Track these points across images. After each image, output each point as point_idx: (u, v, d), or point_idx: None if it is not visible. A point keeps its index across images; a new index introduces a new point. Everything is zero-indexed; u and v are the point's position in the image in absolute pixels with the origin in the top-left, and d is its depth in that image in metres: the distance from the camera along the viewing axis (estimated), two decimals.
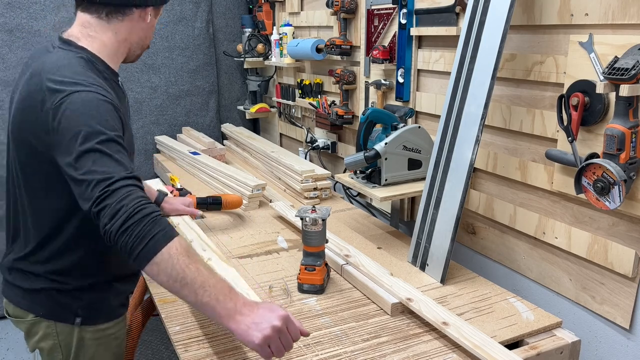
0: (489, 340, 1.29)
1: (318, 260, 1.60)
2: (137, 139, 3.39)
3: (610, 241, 1.46)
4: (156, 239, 1.09)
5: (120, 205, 1.08)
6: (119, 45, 1.38)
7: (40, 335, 1.40)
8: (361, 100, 2.48)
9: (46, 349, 1.41)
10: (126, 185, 1.11)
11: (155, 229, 1.10)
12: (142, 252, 1.08)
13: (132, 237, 1.08)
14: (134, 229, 1.08)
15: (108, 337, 1.45)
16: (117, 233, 1.08)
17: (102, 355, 1.45)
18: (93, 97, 1.20)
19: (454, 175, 1.63)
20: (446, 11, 1.87)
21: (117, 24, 1.35)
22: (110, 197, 1.09)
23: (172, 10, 3.35)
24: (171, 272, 1.09)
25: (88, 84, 1.21)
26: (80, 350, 1.41)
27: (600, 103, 1.39)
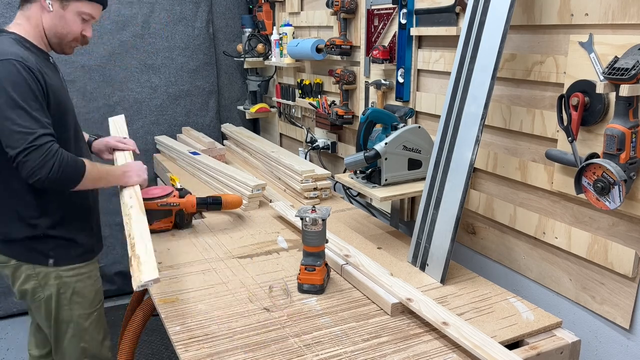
0: (489, 340, 1.29)
1: (318, 260, 1.60)
2: (137, 139, 3.37)
3: (610, 241, 1.46)
4: (78, 166, 1.61)
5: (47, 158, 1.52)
6: (34, 30, 1.69)
7: (23, 278, 1.72)
8: (361, 100, 2.48)
9: (29, 290, 1.74)
10: (45, 142, 1.52)
11: (73, 162, 1.59)
12: (73, 179, 1.61)
13: (63, 175, 1.56)
14: (63, 170, 1.56)
15: (82, 275, 1.80)
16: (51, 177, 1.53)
17: (81, 290, 1.79)
18: (10, 64, 1.53)
19: (454, 175, 1.63)
20: (446, 11, 1.87)
21: (27, 11, 1.68)
22: (34, 151, 1.50)
23: (172, 10, 3.35)
24: (92, 178, 1.67)
25: (9, 54, 1.55)
26: (61, 287, 1.75)
27: (600, 103, 1.39)
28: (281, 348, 1.33)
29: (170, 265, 1.79)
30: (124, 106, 3.32)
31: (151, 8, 3.28)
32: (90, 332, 1.84)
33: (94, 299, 1.84)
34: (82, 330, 1.82)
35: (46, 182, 1.53)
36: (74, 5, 1.67)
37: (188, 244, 1.97)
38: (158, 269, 1.75)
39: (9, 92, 1.50)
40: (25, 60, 1.55)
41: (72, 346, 1.82)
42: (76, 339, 1.81)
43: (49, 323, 1.79)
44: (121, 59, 3.26)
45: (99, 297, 1.87)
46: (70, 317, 1.79)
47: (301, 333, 1.40)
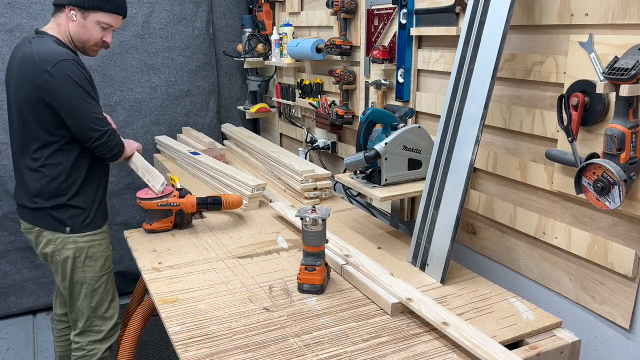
0: (489, 340, 1.29)
1: (318, 260, 1.60)
2: (137, 139, 3.38)
3: (610, 241, 1.46)
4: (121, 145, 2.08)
5: (113, 144, 2.01)
6: (63, 35, 1.97)
7: (44, 243, 2.04)
8: (361, 100, 2.48)
9: (49, 253, 2.05)
10: (109, 129, 1.98)
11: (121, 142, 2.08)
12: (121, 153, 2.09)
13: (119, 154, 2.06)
14: (120, 151, 2.07)
15: (95, 241, 2.09)
16: (113, 156, 2.04)
17: (94, 254, 2.08)
18: (72, 63, 1.87)
19: (454, 175, 1.63)
20: (446, 11, 1.87)
21: (57, 19, 1.97)
22: (104, 139, 1.97)
23: (172, 10, 3.35)
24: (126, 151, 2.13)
25: (66, 54, 1.88)
26: (76, 251, 2.04)
27: (600, 103, 1.39)
28: (281, 348, 1.33)
29: (170, 265, 1.79)
30: (124, 106, 3.33)
31: (151, 8, 3.28)
32: (100, 292, 2.11)
33: (105, 263, 2.12)
34: (93, 290, 2.10)
35: (112, 157, 2.03)
36: (93, 16, 1.95)
37: (188, 244, 1.97)
38: (158, 268, 1.77)
39: (81, 86, 1.88)
40: (78, 60, 1.91)
41: (84, 304, 2.10)
42: (87, 298, 2.09)
43: (64, 283, 2.07)
44: (121, 59, 3.26)
45: (109, 263, 2.15)
46: (83, 278, 2.07)
47: (301, 333, 1.40)
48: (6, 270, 3.14)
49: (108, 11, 1.97)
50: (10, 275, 3.15)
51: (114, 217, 3.38)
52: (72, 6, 1.92)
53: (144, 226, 2.07)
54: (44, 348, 2.99)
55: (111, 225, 3.34)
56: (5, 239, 3.11)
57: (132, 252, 1.93)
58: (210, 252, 1.90)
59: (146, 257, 1.86)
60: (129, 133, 3.37)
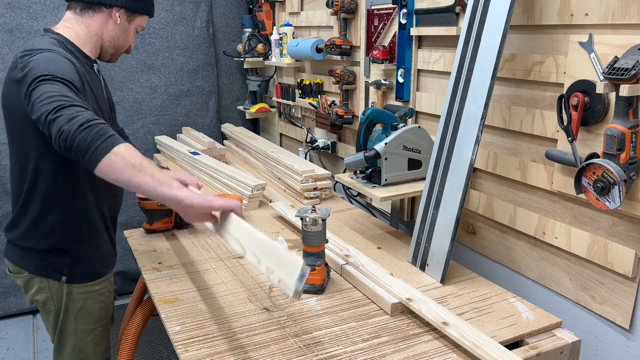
0: (489, 340, 1.29)
1: (318, 260, 1.60)
2: (137, 139, 3.39)
3: (610, 241, 1.46)
4: (114, 137, 1.28)
5: (78, 113, 1.27)
6: (90, 37, 1.62)
7: (35, 289, 1.67)
8: (361, 100, 2.48)
9: (41, 301, 1.69)
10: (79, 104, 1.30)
11: (111, 131, 1.28)
12: (102, 145, 1.25)
13: (90, 134, 1.24)
14: (93, 128, 1.25)
15: (94, 292, 1.71)
16: (77, 131, 1.24)
17: (89, 307, 1.71)
18: (53, 54, 1.44)
19: (454, 175, 1.63)
20: (446, 11, 1.87)
21: (88, 18, 1.61)
22: (67, 108, 1.28)
23: (172, 10, 3.35)
24: (129, 159, 1.26)
25: (52, 49, 1.46)
26: (69, 302, 1.68)
27: (600, 103, 1.39)
28: (281, 348, 1.33)
29: (170, 265, 1.79)
30: (124, 106, 3.33)
31: None
32: (91, 346, 1.79)
33: (101, 314, 1.77)
34: (83, 343, 1.77)
35: (71, 139, 1.25)
36: (137, 20, 1.70)
37: (188, 244, 1.97)
38: (158, 268, 1.77)
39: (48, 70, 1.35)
40: (67, 57, 1.48)
41: (70, 357, 1.78)
42: (75, 351, 1.77)
43: (53, 333, 1.76)
44: (121, 59, 3.23)
45: (106, 313, 1.79)
46: (74, 331, 1.74)
47: (301, 333, 1.40)
48: (6, 270, 3.14)
49: (150, 15, 1.74)
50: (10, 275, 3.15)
51: None
52: (121, 8, 1.63)
53: (144, 226, 2.07)
54: (44, 348, 2.99)
55: None
56: (5, 239, 3.10)
57: (132, 252, 1.93)
58: (210, 252, 1.90)
59: (146, 257, 1.86)
60: (129, 133, 3.36)
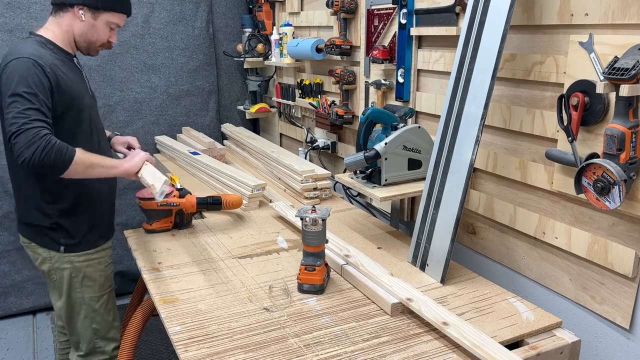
0: (489, 340, 1.29)
1: (318, 260, 1.60)
2: (137, 139, 3.38)
3: (610, 241, 1.46)
4: (68, 151, 1.62)
5: (33, 140, 1.56)
6: (63, 35, 1.84)
7: (40, 260, 1.90)
8: (361, 100, 2.48)
9: (46, 271, 1.91)
10: (34, 126, 1.57)
11: (64, 147, 1.61)
12: (61, 161, 1.60)
13: (51, 157, 1.58)
14: (50, 152, 1.57)
15: (93, 260, 1.93)
16: (39, 158, 1.56)
17: (91, 274, 1.92)
18: (23, 62, 1.65)
19: (454, 175, 1.63)
20: (446, 11, 1.87)
21: (59, 18, 1.84)
22: (23, 134, 1.56)
23: (172, 10, 3.35)
24: (85, 163, 1.67)
25: (27, 53, 1.67)
26: (72, 272, 1.89)
27: (600, 103, 1.39)
28: (281, 348, 1.33)
29: (170, 265, 1.79)
30: (124, 106, 3.33)
31: (151, 8, 3.28)
32: (101, 313, 1.98)
33: (104, 283, 1.97)
34: (93, 311, 1.96)
35: (31, 164, 1.56)
36: (104, 16, 1.85)
37: (188, 244, 1.97)
38: (158, 268, 1.77)
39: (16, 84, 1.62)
40: (39, 58, 1.67)
41: (84, 327, 1.97)
42: (88, 320, 1.96)
43: (62, 304, 1.94)
44: (121, 59, 3.26)
45: (109, 282, 2.01)
46: (82, 299, 1.93)
47: (301, 333, 1.40)
48: (6, 270, 3.14)
49: (119, 11, 1.88)
50: (10, 275, 3.15)
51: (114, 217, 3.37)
52: (82, 6, 1.80)
53: (144, 226, 2.07)
54: (44, 348, 2.99)
55: None
56: (5, 239, 3.11)
57: (132, 252, 1.93)
58: (210, 252, 1.90)
59: (146, 257, 1.86)
60: (129, 133, 3.36)
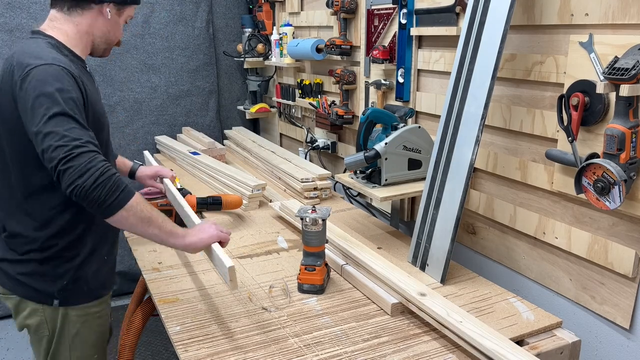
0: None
1: (318, 260, 1.60)
2: (137, 139, 3.39)
3: (611, 241, 1.46)
4: (126, 191, 1.31)
5: (90, 165, 1.26)
6: (81, 37, 1.52)
7: (27, 312, 1.50)
8: (361, 100, 2.48)
9: (33, 325, 1.51)
10: (90, 150, 1.28)
11: (122, 184, 1.31)
12: (116, 201, 1.29)
13: (105, 189, 1.26)
14: (106, 183, 1.27)
15: (91, 315, 1.56)
16: (91, 187, 1.25)
17: (86, 332, 1.55)
18: (54, 69, 1.34)
19: (454, 175, 1.63)
20: (446, 11, 1.87)
21: (77, 17, 1.51)
22: (77, 158, 1.25)
23: (172, 10, 3.35)
24: (140, 215, 1.33)
25: (51, 59, 1.36)
26: (64, 326, 1.51)
27: (600, 103, 1.39)
28: (281, 348, 1.33)
29: (171, 265, 1.79)
30: (124, 106, 3.33)
31: (151, 8, 3.28)
32: None
33: (97, 340, 1.61)
34: None
35: (85, 194, 1.25)
36: (127, 11, 1.60)
37: None
38: (158, 268, 1.77)
39: (53, 98, 1.29)
40: (68, 66, 1.38)
41: None
42: None
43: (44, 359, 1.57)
44: (121, 59, 3.26)
45: (103, 338, 1.64)
46: (67, 358, 1.56)
47: (301, 333, 1.40)
48: None
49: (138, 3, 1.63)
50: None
51: None
52: (111, 2, 1.53)
53: None
54: None
55: None
56: None
57: (132, 252, 1.93)
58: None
59: (146, 257, 1.86)
60: (129, 133, 3.37)
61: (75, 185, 1.24)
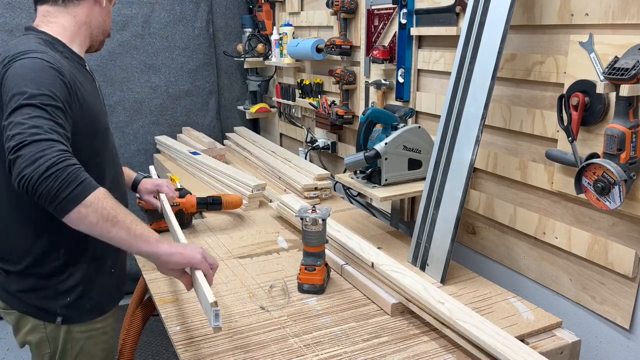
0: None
1: (318, 260, 1.60)
2: (137, 139, 3.39)
3: (611, 241, 1.46)
4: (84, 183, 1.12)
5: (43, 154, 1.09)
6: (79, 28, 1.43)
7: (28, 328, 1.41)
8: (361, 100, 2.48)
9: (34, 342, 1.42)
10: (47, 138, 1.11)
11: (82, 176, 1.12)
12: (71, 195, 1.10)
13: (57, 182, 1.08)
14: (59, 175, 1.09)
15: (96, 331, 1.46)
16: (40, 178, 1.08)
17: (90, 349, 1.45)
18: (37, 62, 1.23)
19: (454, 175, 1.63)
20: (446, 11, 1.87)
21: (73, 8, 1.41)
22: (29, 146, 1.09)
23: (172, 10, 3.35)
24: (102, 212, 1.13)
25: (38, 51, 1.26)
26: (67, 344, 1.41)
27: (600, 103, 1.39)
28: (281, 348, 1.33)
29: None
30: (124, 106, 3.33)
31: (151, 8, 3.28)
32: None
33: (103, 357, 1.51)
34: None
35: (32, 186, 1.08)
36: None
37: None
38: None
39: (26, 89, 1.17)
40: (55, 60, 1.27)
41: None
42: None
43: None
44: (121, 59, 3.26)
45: (108, 354, 1.54)
46: None
47: (301, 333, 1.40)
48: None
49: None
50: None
51: None
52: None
53: None
54: None
55: None
56: None
57: None
58: (210, 252, 1.90)
59: None
60: (129, 133, 3.37)
61: (22, 175, 1.08)
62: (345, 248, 1.71)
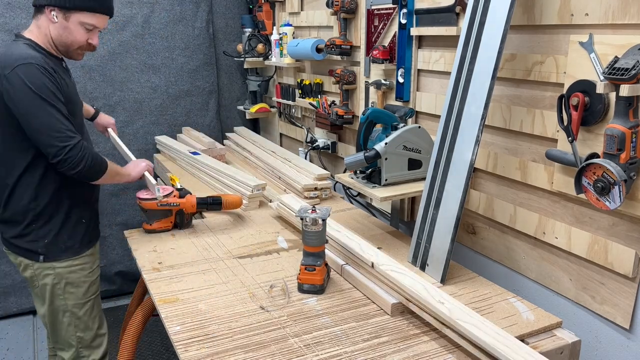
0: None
1: (318, 260, 1.60)
2: (137, 139, 3.39)
3: (611, 241, 1.46)
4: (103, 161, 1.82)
5: (83, 154, 1.72)
6: (44, 37, 1.79)
7: (22, 267, 1.90)
8: (361, 100, 2.48)
9: (28, 277, 1.91)
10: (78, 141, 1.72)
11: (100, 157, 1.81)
12: (101, 168, 1.81)
13: (95, 165, 1.78)
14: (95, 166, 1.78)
15: (75, 267, 1.92)
16: (85, 171, 1.74)
17: (74, 280, 1.92)
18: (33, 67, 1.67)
19: (454, 175, 1.63)
20: (446, 11, 1.87)
21: (38, 20, 1.79)
22: (73, 149, 1.70)
23: (172, 10, 3.35)
24: (112, 171, 1.86)
25: (31, 58, 1.68)
26: (55, 278, 1.89)
27: (600, 103, 1.39)
28: (281, 348, 1.33)
29: (171, 265, 1.79)
30: (124, 106, 3.32)
31: (151, 8, 3.28)
32: (85, 321, 1.97)
33: (88, 289, 1.96)
34: (77, 319, 1.95)
35: (80, 175, 1.74)
36: (76, 17, 1.76)
37: (188, 244, 1.97)
38: (158, 268, 1.77)
39: (37, 93, 1.66)
40: (44, 64, 1.70)
41: (68, 335, 1.95)
42: (72, 327, 1.94)
43: (44, 311, 1.92)
44: (121, 59, 3.26)
45: (93, 288, 1.99)
46: (65, 306, 1.92)
47: (301, 333, 1.40)
48: (6, 270, 3.14)
49: (92, 11, 1.77)
50: (10, 275, 3.15)
51: (114, 217, 3.38)
52: (52, 6, 1.72)
53: (144, 226, 2.07)
54: (44, 348, 2.99)
55: (111, 225, 3.35)
56: None
57: (132, 252, 1.93)
58: (210, 252, 1.90)
59: (146, 257, 1.86)
60: (129, 133, 3.37)
61: (76, 170, 1.72)
62: (345, 248, 1.72)
